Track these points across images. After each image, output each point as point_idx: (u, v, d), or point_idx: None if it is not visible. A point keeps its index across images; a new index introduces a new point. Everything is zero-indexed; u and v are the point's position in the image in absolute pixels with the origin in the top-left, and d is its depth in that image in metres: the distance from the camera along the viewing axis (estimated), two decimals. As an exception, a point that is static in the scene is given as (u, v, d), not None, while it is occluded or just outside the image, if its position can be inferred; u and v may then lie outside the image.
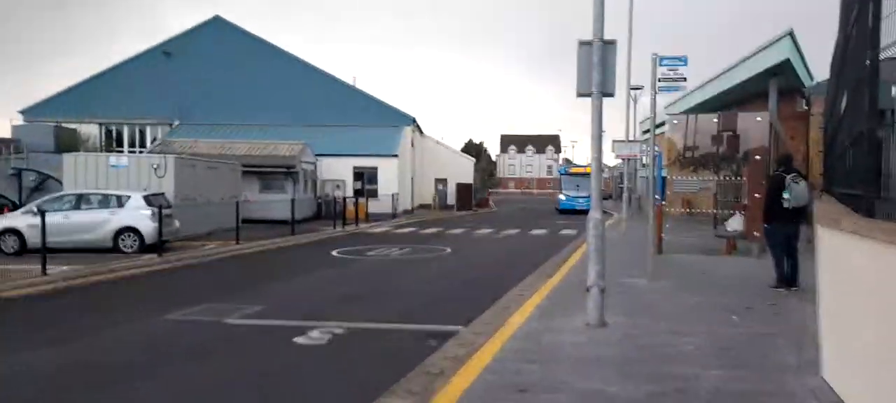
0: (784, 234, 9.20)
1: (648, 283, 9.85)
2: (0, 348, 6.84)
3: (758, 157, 12.24)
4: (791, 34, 18.88)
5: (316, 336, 7.19)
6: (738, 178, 14.41)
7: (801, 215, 9.09)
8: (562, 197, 39.13)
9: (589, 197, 33.68)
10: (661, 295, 8.90)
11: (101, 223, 15.54)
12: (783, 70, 20.01)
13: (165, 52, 37.57)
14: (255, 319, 8.17)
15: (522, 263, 13.57)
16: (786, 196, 8.92)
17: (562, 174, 42.25)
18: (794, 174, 9.07)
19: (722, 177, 16.64)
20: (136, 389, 5.46)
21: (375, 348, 6.82)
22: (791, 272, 9.31)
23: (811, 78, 22.99)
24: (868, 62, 4.77)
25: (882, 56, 4.36)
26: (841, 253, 5.02)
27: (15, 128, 32.52)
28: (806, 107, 23.35)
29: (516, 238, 21.53)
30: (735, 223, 13.42)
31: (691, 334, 6.68)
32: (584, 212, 27.15)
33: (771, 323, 7.26)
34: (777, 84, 20.45)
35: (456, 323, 7.58)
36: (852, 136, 5.62)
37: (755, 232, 12.17)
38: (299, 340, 7.01)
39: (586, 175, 33.97)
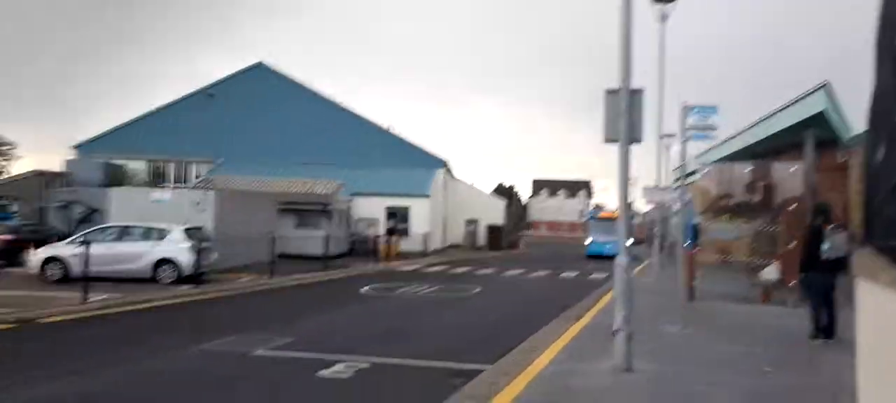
0: (821, 285, 9.00)
1: (679, 330, 9.69)
2: (33, 373, 7.12)
3: (794, 207, 12.04)
4: (825, 86, 18.67)
5: (340, 369, 7.28)
6: (774, 228, 14.18)
7: (840, 266, 8.90)
8: (588, 241, 37.86)
9: (615, 242, 31.99)
10: (692, 343, 8.75)
11: (141, 254, 16.04)
12: (818, 122, 19.73)
13: (209, 94, 39.08)
14: (282, 351, 8.31)
15: (551, 305, 13.47)
16: (824, 247, 8.77)
17: (590, 219, 40.31)
18: (833, 225, 8.92)
19: (757, 226, 16.39)
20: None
21: (399, 384, 6.86)
22: (828, 324, 9.06)
23: (848, 129, 22.57)
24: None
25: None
26: (879, 305, 4.93)
27: (67, 163, 33.98)
28: (844, 158, 22.87)
29: (546, 280, 21.37)
30: (771, 271, 13.14)
31: (721, 383, 6.56)
32: (612, 258, 27.63)
33: (806, 375, 7.08)
34: (813, 135, 20.13)
35: (482, 362, 7.58)
36: (890, 186, 5.57)
37: (792, 282, 11.89)
38: (324, 373, 7.11)
39: (613, 220, 33.23)
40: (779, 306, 12.78)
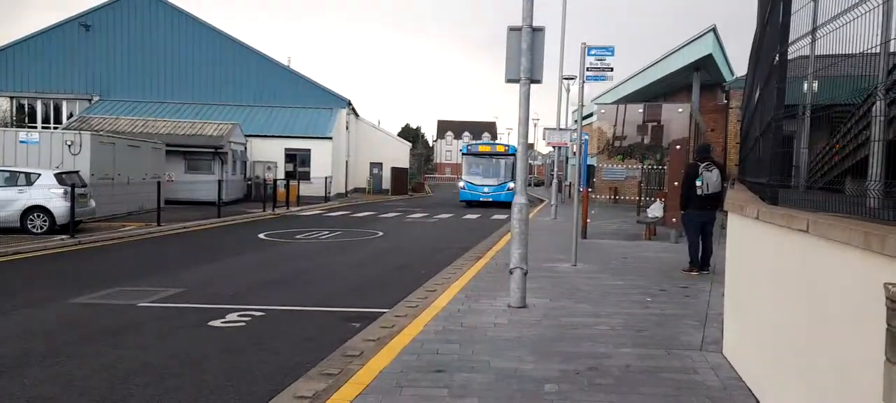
0: (698, 220, 9.63)
1: (571, 267, 10.12)
2: None
3: (678, 147, 12.74)
4: (714, 30, 19.73)
5: (233, 319, 6.99)
6: (662, 167, 15.01)
7: (716, 202, 9.55)
8: (462, 184, 29.75)
9: (499, 184, 28.23)
10: (583, 279, 9.16)
11: (8, 201, 14.55)
12: (706, 64, 20.93)
13: (84, 24, 35.37)
14: (170, 302, 7.86)
15: (453, 247, 13.66)
16: (698, 183, 9.35)
17: (463, 154, 30.51)
18: (707, 163, 9.49)
19: (646, 166, 17.28)
20: (27, 377, 5.14)
21: (296, 331, 6.69)
22: (704, 256, 9.78)
23: (732, 73, 24.15)
24: (777, 56, 5.03)
25: (791, 50, 4.57)
26: (745, 237, 5.30)
27: (-89, 99, 29.90)
28: (726, 101, 24.53)
29: (449, 222, 21.64)
30: (655, 210, 13.96)
31: (607, 315, 6.92)
32: (492, 205, 24.63)
33: (681, 304, 7.60)
34: (700, 78, 21.34)
35: (381, 306, 7.55)
36: (762, 127, 5.91)
37: (673, 219, 12.69)
38: (215, 323, 6.80)
39: (495, 156, 29.75)
40: (662, 241, 13.68)
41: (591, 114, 27.02)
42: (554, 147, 24.59)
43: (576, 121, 17.33)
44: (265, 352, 5.87)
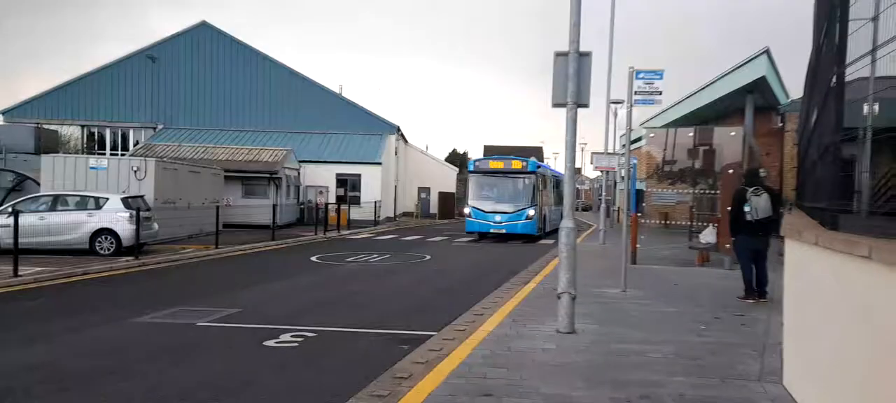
0: (750, 247, 9.38)
1: (621, 292, 9.98)
2: (-34, 347, 6.77)
3: (731, 171, 12.46)
4: (767, 52, 19.28)
5: (287, 339, 7.20)
6: (714, 192, 14.68)
7: (769, 228, 9.29)
8: (467, 211, 23.79)
9: (516, 211, 22.92)
10: (633, 305, 9.02)
11: (77, 225, 15.38)
12: (759, 87, 20.41)
13: (150, 56, 37.35)
14: (227, 322, 8.15)
15: (500, 270, 13.65)
16: (746, 209, 9.13)
17: (470, 171, 24.39)
18: (755, 187, 9.25)
19: (698, 191, 16.91)
20: (100, 391, 5.43)
21: (346, 352, 6.84)
22: (759, 283, 9.49)
23: (787, 96, 23.46)
24: (834, 78, 4.93)
25: (848, 72, 4.49)
26: (803, 264, 5.15)
27: (-6, 128, 32.08)
28: (781, 124, 23.81)
29: (495, 246, 21.60)
30: (708, 235, 13.63)
31: (659, 342, 6.79)
32: (506, 238, 20.26)
33: (737, 332, 7.40)
34: (753, 101, 20.82)
35: (429, 328, 7.63)
36: (819, 151, 5.77)
37: (726, 245, 12.36)
38: (270, 343, 7.02)
39: (510, 174, 23.41)
40: (716, 268, 13.31)
41: (639, 138, 26.63)
42: (602, 171, 24.35)
43: (624, 145, 17.19)
44: (317, 373, 6.02)
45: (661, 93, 11.04)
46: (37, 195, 17.02)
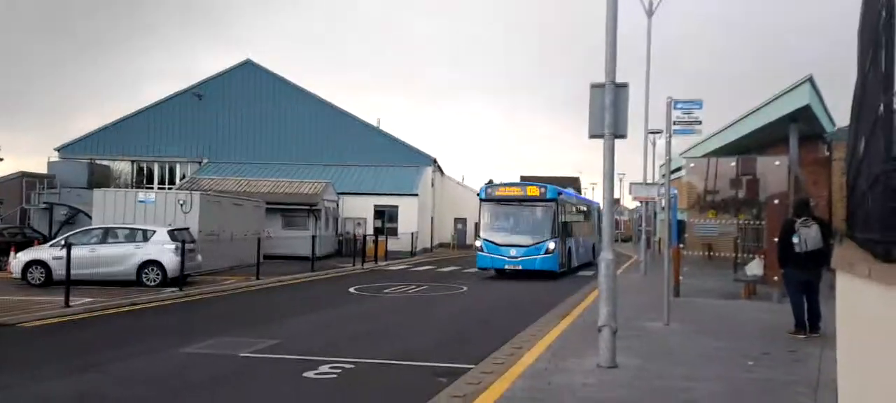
0: (800, 279, 9.06)
1: (664, 326, 9.74)
2: (17, 377, 7.02)
3: (776, 202, 12.13)
4: (811, 80, 18.85)
5: (325, 371, 7.24)
6: (759, 223, 14.28)
7: (819, 260, 8.97)
8: (479, 244, 20.80)
9: (535, 244, 19.75)
10: (677, 339, 8.79)
11: (126, 256, 15.88)
12: (804, 115, 19.91)
13: (197, 93, 38.80)
14: (268, 353, 8.25)
15: (538, 303, 13.49)
16: (795, 240, 8.84)
17: (481, 200, 21.26)
18: (804, 218, 8.97)
19: (742, 222, 16.47)
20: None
21: (384, 384, 6.84)
22: (811, 317, 9.14)
23: (833, 123, 22.82)
24: (882, 106, 4.80)
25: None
26: (856, 297, 4.95)
27: (51, 165, 33.64)
28: (827, 153, 23.12)
29: (534, 277, 21.38)
30: (755, 267, 13.23)
31: (705, 379, 6.59)
32: (523, 275, 19.16)
33: (788, 369, 7.12)
34: (798, 129, 20.32)
35: (467, 361, 7.57)
36: (869, 181, 5.59)
37: (775, 278, 11.97)
38: (309, 374, 7.07)
39: (527, 203, 20.72)
40: (763, 301, 12.88)
41: (679, 168, 26.21)
42: (641, 201, 23.99)
43: (663, 175, 16.92)
44: (356, 404, 6.03)
45: (700, 122, 10.90)
46: (88, 228, 17.70)
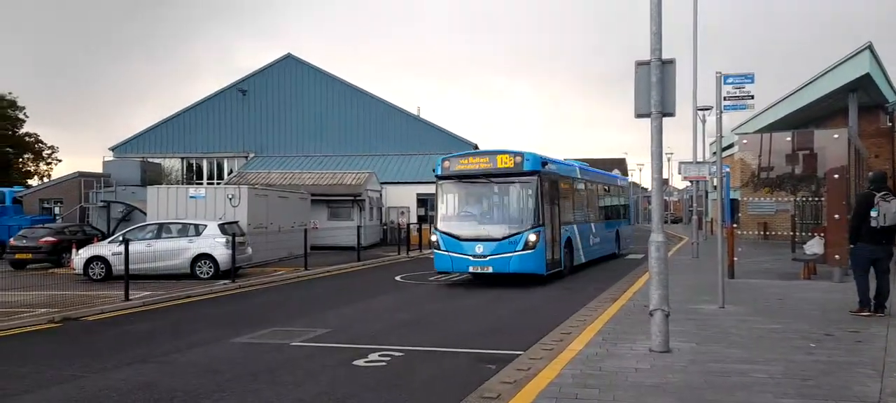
0: (869, 256, 8.66)
1: (719, 309, 9.45)
2: (81, 368, 7.32)
3: (837, 176, 11.59)
4: (870, 47, 17.93)
5: (375, 358, 7.30)
6: (818, 199, 13.70)
7: (891, 236, 8.55)
8: (434, 237, 15.33)
9: (510, 237, 13.70)
10: (732, 321, 8.51)
11: (179, 251, 16.39)
12: (863, 85, 18.98)
13: (241, 89, 39.67)
14: (318, 342, 8.38)
15: (586, 288, 13.30)
16: (873, 214, 8.43)
17: (437, 176, 15.27)
18: (884, 193, 8.55)
19: (800, 199, 15.86)
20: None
21: (433, 371, 6.84)
22: (878, 296, 8.72)
23: (895, 92, 21.67)
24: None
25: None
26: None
27: (106, 164, 34.98)
28: (890, 123, 21.97)
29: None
30: (814, 246, 12.71)
31: (764, 362, 6.35)
32: (498, 281, 14.60)
33: (852, 350, 6.81)
34: (857, 99, 19.38)
35: (516, 347, 7.51)
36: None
37: (836, 256, 11.47)
38: (359, 362, 7.14)
39: (498, 178, 14.72)
40: (823, 281, 12.37)
41: (731, 145, 25.34)
42: (691, 181, 23.32)
43: (714, 153, 16.36)
44: (406, 392, 6.06)
45: (752, 97, 10.48)
46: (144, 224, 18.32)
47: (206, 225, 16.87)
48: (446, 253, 14.59)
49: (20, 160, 56.79)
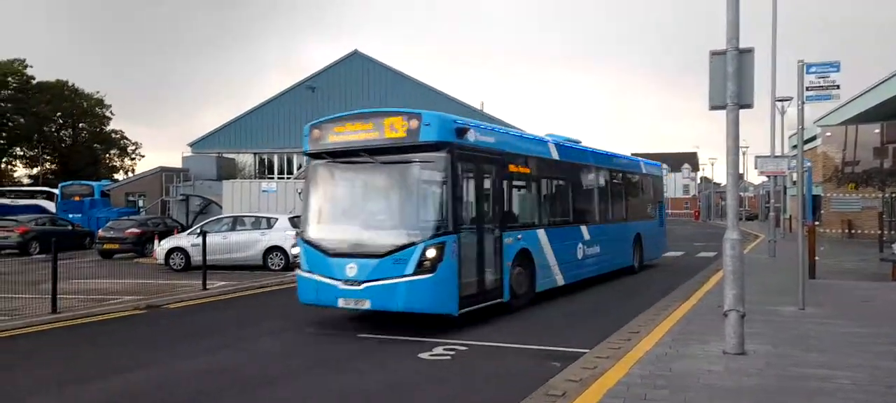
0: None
1: (798, 310, 8.99)
2: (166, 353, 7.76)
3: (932, 171, 10.78)
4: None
5: (440, 352, 7.37)
6: (910, 195, 12.81)
7: None
8: (294, 251, 14.10)
9: (397, 252, 8.36)
10: (813, 324, 8.08)
11: (253, 243, 17.06)
12: (965, 71, 17.54)
13: (310, 86, 40.84)
14: (384, 334, 8.53)
15: (655, 286, 12.94)
16: None
17: (306, 153, 10.07)
18: None
19: (889, 195, 14.86)
20: (277, 395, 5.94)
21: (497, 367, 6.84)
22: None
23: None
24: None
25: None
26: None
27: (185, 159, 36.83)
28: None
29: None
30: (905, 245, 11.89)
31: (847, 367, 6.00)
32: (381, 319, 8.53)
33: (950, 358, 6.33)
34: (958, 87, 17.95)
35: (581, 346, 7.41)
36: None
37: (931, 256, 10.69)
38: (424, 355, 7.23)
39: (386, 153, 9.03)
40: (917, 282, 11.57)
41: (813, 138, 24.02)
42: (768, 176, 22.26)
43: (794, 146, 15.52)
44: (470, 386, 6.09)
45: (837, 87, 9.90)
46: (220, 217, 19.18)
47: (277, 219, 17.47)
48: (310, 275, 9.14)
49: (107, 155, 60.61)
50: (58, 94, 53.96)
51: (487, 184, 9.76)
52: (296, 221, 17.34)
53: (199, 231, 16.06)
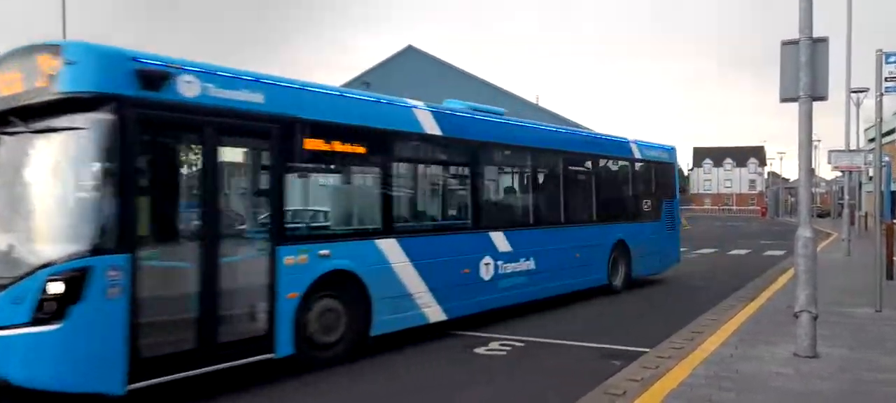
0: None
1: (874, 313, 8.53)
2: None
3: None
4: None
5: (496, 348, 7.36)
6: None
7: None
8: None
9: (12, 284, 4.50)
10: (891, 327, 7.65)
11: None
12: None
13: (365, 82, 41.45)
14: (440, 329, 8.57)
15: (719, 284, 12.53)
16: None
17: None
18: None
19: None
20: (329, 381, 6.08)
21: (555, 363, 6.78)
22: None
23: None
24: None
25: None
26: None
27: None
28: None
29: (712, 257, 19.89)
30: None
31: (932, 374, 5.66)
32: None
33: None
34: None
35: (642, 344, 7.25)
36: None
37: None
38: (480, 351, 7.23)
39: (14, 118, 5.36)
40: None
41: (892, 131, 22.68)
42: (842, 171, 21.16)
43: (871, 140, 14.66)
44: (526, 384, 6.06)
45: (921, 76, 9.27)
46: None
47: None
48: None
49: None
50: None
51: (252, 168, 6.78)
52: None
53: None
